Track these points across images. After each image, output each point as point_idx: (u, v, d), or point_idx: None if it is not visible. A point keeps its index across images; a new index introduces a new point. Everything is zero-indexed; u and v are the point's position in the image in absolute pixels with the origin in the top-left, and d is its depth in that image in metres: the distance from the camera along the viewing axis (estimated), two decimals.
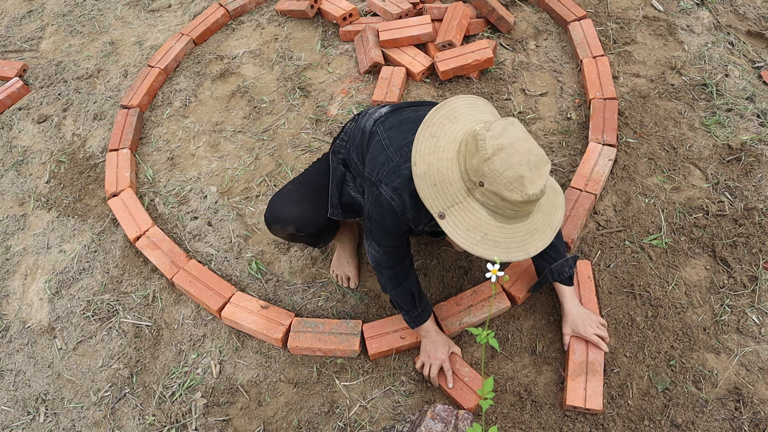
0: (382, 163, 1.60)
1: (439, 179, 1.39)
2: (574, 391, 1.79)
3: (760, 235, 2.10)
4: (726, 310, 1.96)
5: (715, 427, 1.74)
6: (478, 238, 1.37)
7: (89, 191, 2.68)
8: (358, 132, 1.82)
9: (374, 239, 1.72)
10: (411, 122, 1.65)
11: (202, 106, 2.92)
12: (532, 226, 1.44)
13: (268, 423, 1.93)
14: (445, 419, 1.64)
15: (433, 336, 1.88)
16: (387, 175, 1.57)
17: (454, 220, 1.38)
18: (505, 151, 1.31)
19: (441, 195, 1.39)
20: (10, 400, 2.11)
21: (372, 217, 1.66)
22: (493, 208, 1.37)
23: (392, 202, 1.56)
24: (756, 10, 2.87)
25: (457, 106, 1.53)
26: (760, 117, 2.45)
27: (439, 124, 1.47)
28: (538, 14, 3.00)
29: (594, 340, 1.85)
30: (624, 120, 2.48)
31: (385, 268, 1.77)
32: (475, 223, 1.38)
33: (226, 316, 2.12)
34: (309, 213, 1.88)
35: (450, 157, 1.40)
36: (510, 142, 1.32)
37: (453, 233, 1.38)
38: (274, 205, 1.90)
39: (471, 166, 1.35)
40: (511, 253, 1.40)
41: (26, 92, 3.18)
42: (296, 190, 1.92)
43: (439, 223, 1.39)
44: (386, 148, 1.62)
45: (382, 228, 1.66)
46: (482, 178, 1.33)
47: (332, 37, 3.10)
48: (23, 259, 2.50)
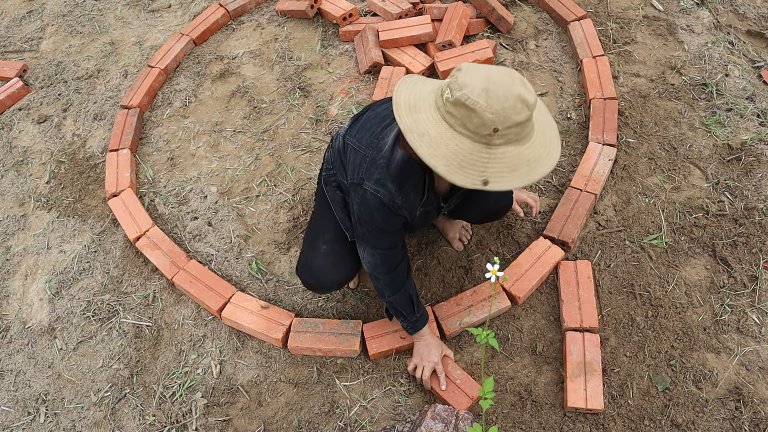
0: (358, 163, 1.62)
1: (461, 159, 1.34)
2: (574, 392, 1.79)
3: (760, 235, 2.10)
4: (726, 310, 1.96)
5: (715, 426, 1.74)
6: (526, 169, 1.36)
7: (89, 191, 2.68)
8: (336, 154, 1.83)
9: (367, 243, 1.71)
10: (373, 119, 1.69)
11: (202, 107, 2.92)
12: (540, 127, 1.41)
13: (269, 423, 1.93)
14: (445, 419, 1.64)
15: (427, 339, 1.88)
16: (366, 171, 1.59)
17: (497, 174, 1.35)
18: (491, 91, 1.28)
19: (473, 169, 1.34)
20: (10, 400, 2.11)
21: (362, 219, 1.65)
22: (514, 139, 1.35)
23: (377, 194, 1.57)
24: (756, 10, 2.87)
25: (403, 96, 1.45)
26: (760, 117, 2.45)
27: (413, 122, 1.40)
28: (537, 14, 3.00)
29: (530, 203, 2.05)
30: (624, 120, 2.48)
31: (381, 273, 1.75)
32: (515, 160, 1.35)
33: (227, 317, 2.12)
34: (348, 272, 1.92)
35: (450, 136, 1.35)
36: (483, 81, 1.30)
37: (507, 184, 1.35)
38: (314, 270, 1.89)
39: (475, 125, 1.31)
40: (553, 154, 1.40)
41: (26, 92, 3.18)
42: (332, 251, 1.89)
43: (488, 189, 1.34)
44: (358, 149, 1.64)
45: (374, 228, 1.65)
46: (494, 124, 1.29)
47: (332, 37, 3.10)
48: (23, 260, 2.50)
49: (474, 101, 1.29)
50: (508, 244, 2.21)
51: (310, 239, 1.96)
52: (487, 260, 2.17)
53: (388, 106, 1.70)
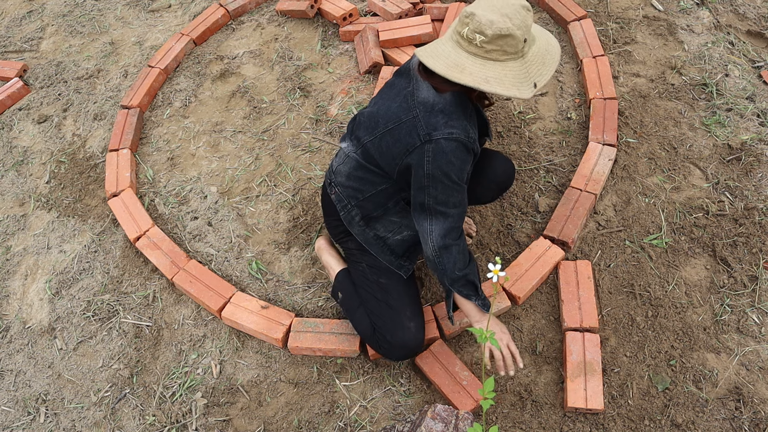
0: (407, 131, 1.59)
1: (513, 76, 1.51)
2: (574, 392, 1.79)
3: (760, 235, 2.10)
4: (726, 310, 1.96)
5: (715, 426, 1.74)
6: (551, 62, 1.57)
7: (89, 191, 2.68)
8: (347, 181, 1.81)
9: (439, 207, 1.61)
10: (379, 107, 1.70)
11: (202, 107, 2.92)
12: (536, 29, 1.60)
13: (269, 423, 1.93)
14: (445, 419, 1.64)
15: (493, 320, 1.74)
16: (426, 126, 1.56)
17: (537, 73, 1.54)
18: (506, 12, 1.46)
19: (524, 78, 1.52)
20: (10, 400, 2.11)
21: (434, 176, 1.57)
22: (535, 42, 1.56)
23: (453, 135, 1.55)
24: (756, 10, 2.87)
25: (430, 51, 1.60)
26: (760, 117, 2.45)
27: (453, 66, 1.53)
28: (537, 14, 3.00)
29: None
30: (624, 120, 2.48)
31: (454, 239, 1.65)
32: (541, 55, 1.56)
33: (227, 317, 2.12)
34: (423, 327, 1.86)
35: (491, 65, 1.50)
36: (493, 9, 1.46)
37: (547, 77, 1.54)
38: (410, 348, 1.81)
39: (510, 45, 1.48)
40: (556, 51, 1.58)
41: (26, 92, 3.19)
42: (417, 323, 1.83)
43: (535, 90, 1.51)
44: (394, 128, 1.63)
45: (450, 181, 1.58)
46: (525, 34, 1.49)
47: (332, 37, 3.10)
48: (23, 260, 2.50)
49: (507, 28, 1.45)
50: (508, 244, 2.21)
51: (389, 317, 1.82)
52: (487, 260, 2.17)
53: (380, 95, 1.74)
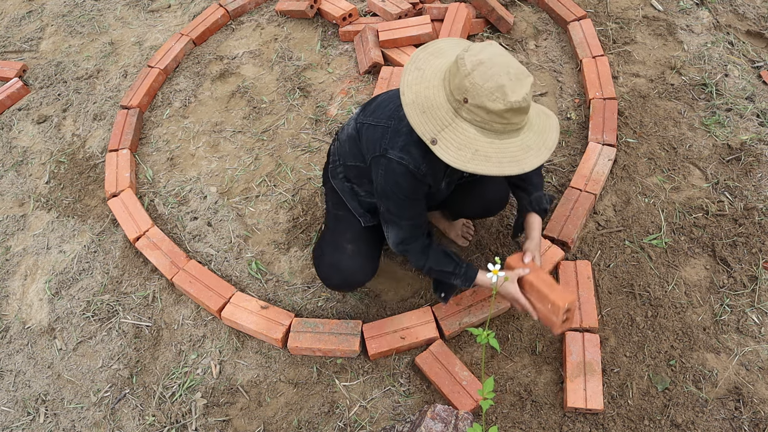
0: (380, 136, 1.63)
1: (428, 105, 1.44)
2: (574, 392, 1.79)
3: (759, 235, 2.10)
4: (726, 310, 1.96)
5: (715, 426, 1.74)
6: (469, 156, 1.41)
7: (89, 192, 2.68)
8: (345, 144, 1.82)
9: (393, 218, 1.68)
10: (387, 99, 1.70)
11: (202, 107, 2.92)
12: (524, 143, 1.46)
13: (268, 423, 1.93)
14: (445, 419, 1.64)
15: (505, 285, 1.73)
16: (390, 141, 1.59)
17: (446, 143, 1.42)
18: (483, 65, 1.36)
19: (431, 120, 1.43)
20: (10, 400, 2.11)
21: (387, 191, 1.63)
22: (480, 123, 1.41)
23: (403, 161, 1.57)
24: (755, 10, 2.87)
25: (443, 45, 1.59)
26: (760, 117, 2.45)
27: (425, 59, 1.53)
28: (537, 14, 3.00)
29: None
30: (624, 120, 2.49)
31: (411, 243, 1.71)
32: (465, 141, 1.41)
33: (226, 317, 2.12)
34: (371, 272, 1.92)
35: (436, 84, 1.46)
36: (488, 57, 1.38)
37: (445, 155, 1.41)
38: (342, 270, 1.87)
39: (454, 85, 1.40)
40: (504, 166, 1.42)
41: (26, 93, 3.18)
42: (359, 252, 1.88)
43: (432, 149, 1.42)
44: (377, 125, 1.66)
45: (401, 196, 1.62)
46: (465, 93, 1.38)
47: (332, 38, 3.10)
48: (23, 260, 2.50)
49: (464, 63, 1.38)
50: (507, 244, 2.21)
51: (331, 239, 1.93)
52: (486, 260, 2.17)
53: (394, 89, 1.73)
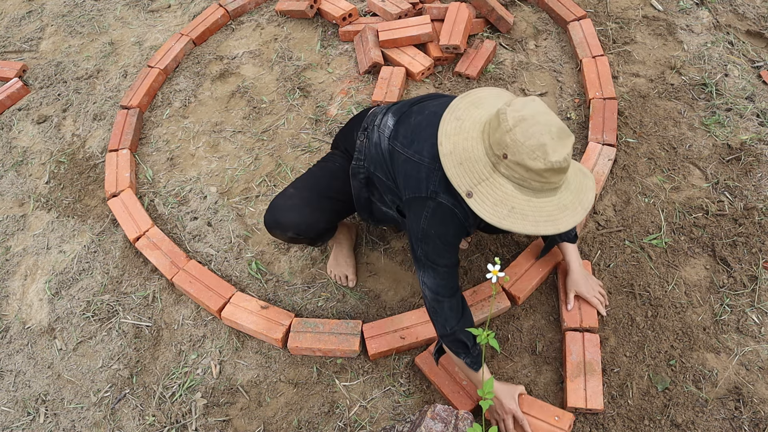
0: (426, 176, 1.56)
1: (465, 157, 1.41)
2: (574, 392, 1.78)
3: (759, 235, 2.10)
4: (726, 310, 1.96)
5: (715, 426, 1.74)
6: (505, 212, 1.38)
7: (89, 192, 2.68)
8: (373, 149, 1.76)
9: (429, 263, 1.60)
10: (426, 127, 1.62)
11: (202, 107, 2.92)
12: (561, 203, 1.43)
13: (268, 423, 1.93)
14: (445, 419, 1.64)
15: (496, 387, 1.74)
16: (440, 184, 1.53)
17: (482, 197, 1.39)
18: (526, 122, 1.33)
19: (467, 173, 1.40)
20: (10, 400, 2.11)
21: (430, 234, 1.56)
22: (518, 180, 1.37)
23: (455, 209, 1.54)
24: (755, 10, 2.87)
25: (483, 95, 1.56)
26: (760, 116, 2.45)
27: (464, 109, 1.50)
28: (537, 14, 3.00)
29: (594, 303, 1.90)
30: (623, 120, 2.49)
31: (446, 297, 1.62)
32: (502, 198, 1.38)
33: (226, 317, 2.12)
34: (310, 218, 1.85)
35: (475, 136, 1.43)
36: (531, 113, 1.34)
37: (481, 210, 1.38)
38: (275, 209, 1.87)
39: (494, 140, 1.37)
40: (540, 226, 1.39)
41: (26, 93, 3.18)
42: (298, 194, 1.88)
43: (467, 202, 1.40)
44: (421, 162, 1.58)
45: (443, 242, 1.58)
46: (505, 149, 1.35)
47: (332, 38, 3.10)
48: (23, 260, 2.50)
49: (506, 118, 1.34)
50: (507, 244, 2.21)
51: (285, 187, 1.94)
52: (486, 261, 2.17)
53: (438, 106, 1.64)
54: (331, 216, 1.92)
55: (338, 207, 1.93)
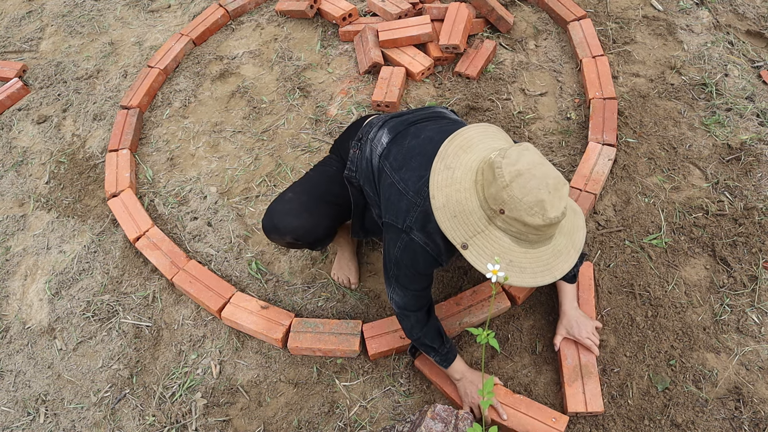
0: (406, 209, 1.57)
1: (459, 210, 1.38)
2: (573, 396, 1.78)
3: (759, 235, 2.10)
4: (726, 310, 1.96)
5: (715, 426, 1.74)
6: (503, 266, 1.36)
7: (89, 192, 2.68)
8: (364, 162, 1.78)
9: (399, 284, 1.66)
10: (418, 155, 1.61)
11: (202, 107, 2.92)
12: (555, 249, 1.42)
13: (268, 423, 1.93)
14: (445, 419, 1.64)
15: (469, 376, 1.81)
16: (416, 221, 1.54)
17: (478, 249, 1.36)
18: (522, 177, 1.30)
19: (462, 226, 1.37)
20: (10, 400, 2.11)
21: (401, 263, 1.60)
22: (515, 234, 1.35)
23: (427, 247, 1.54)
24: (755, 10, 2.87)
25: (470, 135, 1.51)
26: (760, 116, 2.45)
27: (453, 155, 1.45)
28: (537, 14, 3.00)
29: (587, 344, 1.86)
30: (623, 120, 2.48)
31: (412, 311, 1.71)
32: (499, 251, 1.36)
33: (226, 317, 2.12)
34: (308, 224, 1.84)
35: (467, 187, 1.39)
36: (527, 167, 1.31)
37: (477, 263, 1.36)
38: (273, 213, 1.87)
39: (490, 194, 1.34)
40: (538, 277, 1.38)
41: (26, 93, 3.18)
42: (297, 199, 1.88)
43: (462, 253, 1.37)
44: (404, 192, 1.58)
45: (413, 271, 1.61)
46: (502, 205, 1.32)
47: (332, 38, 3.10)
48: (23, 260, 2.50)
49: (501, 173, 1.31)
50: None
51: (283, 191, 1.94)
52: None
53: (434, 131, 1.64)
54: (330, 221, 1.91)
55: (336, 212, 1.92)
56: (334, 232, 1.99)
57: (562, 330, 1.90)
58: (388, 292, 1.74)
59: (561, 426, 1.72)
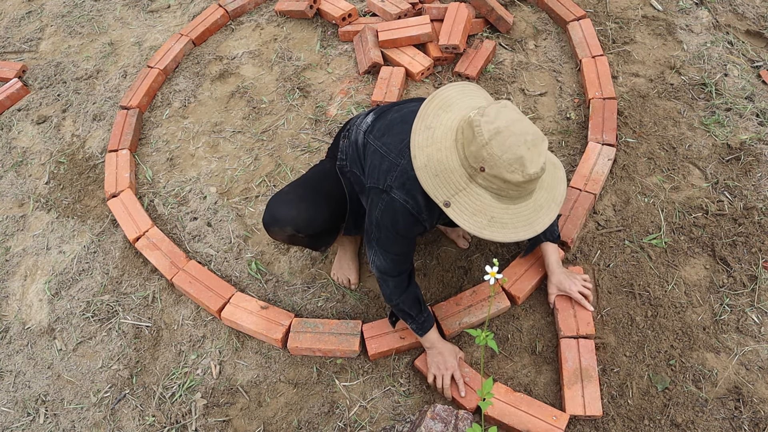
0: (387, 169, 1.60)
1: (441, 169, 1.40)
2: (572, 400, 1.78)
3: (759, 235, 2.10)
4: (726, 310, 1.96)
5: (715, 426, 1.74)
6: (485, 222, 1.39)
7: (89, 192, 2.68)
8: (352, 147, 1.82)
9: (381, 248, 1.68)
10: (400, 123, 1.65)
11: (202, 107, 2.92)
12: (536, 203, 1.45)
13: (268, 423, 1.93)
14: (445, 419, 1.64)
15: (439, 346, 1.85)
16: (396, 179, 1.57)
17: (460, 207, 1.39)
18: (501, 135, 1.32)
19: (444, 184, 1.40)
20: (10, 401, 2.11)
21: (382, 225, 1.63)
22: (496, 191, 1.38)
23: (407, 204, 1.56)
24: (755, 10, 2.87)
25: (449, 94, 1.53)
26: (759, 116, 2.45)
27: (433, 115, 1.48)
28: (537, 14, 3.00)
29: (577, 297, 1.92)
30: (623, 120, 2.49)
31: (391, 277, 1.73)
32: (481, 208, 1.39)
33: (226, 317, 2.12)
34: (306, 213, 1.84)
35: (448, 146, 1.42)
36: (506, 124, 1.33)
37: (460, 220, 1.39)
38: (271, 206, 1.88)
39: (470, 152, 1.36)
40: (519, 232, 1.41)
41: (25, 93, 3.18)
42: (293, 191, 1.89)
43: (445, 211, 1.40)
44: (386, 154, 1.62)
45: (394, 233, 1.63)
46: (482, 163, 1.34)
47: (331, 38, 3.10)
48: (23, 260, 2.50)
49: (480, 131, 1.33)
50: (507, 244, 2.21)
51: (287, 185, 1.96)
52: (486, 260, 2.17)
53: (417, 106, 1.67)
54: (328, 213, 1.91)
55: (333, 205, 1.93)
56: (335, 228, 1.99)
57: (553, 288, 1.96)
58: (369, 256, 1.76)
59: (561, 424, 1.72)
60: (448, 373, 1.83)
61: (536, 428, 1.72)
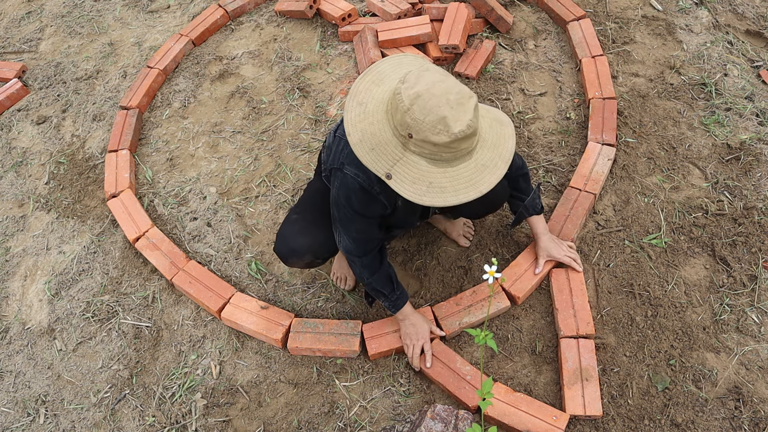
0: (341, 149, 1.63)
1: (375, 142, 1.41)
2: (572, 400, 1.78)
3: (759, 234, 2.10)
4: (725, 310, 1.96)
5: (715, 426, 1.74)
6: (424, 189, 1.39)
7: (89, 192, 2.68)
8: (326, 151, 1.83)
9: (343, 227, 1.71)
10: None
11: (202, 107, 2.92)
12: (478, 163, 1.43)
13: (268, 424, 1.93)
14: (445, 419, 1.64)
15: (412, 319, 1.90)
16: (348, 155, 1.59)
17: (400, 177, 1.40)
18: (421, 98, 1.32)
19: (381, 157, 1.41)
20: (10, 401, 2.11)
21: (339, 203, 1.66)
22: (429, 155, 1.38)
23: (357, 178, 1.58)
24: (755, 10, 2.87)
25: (382, 68, 1.53)
26: (759, 116, 2.45)
27: (365, 91, 1.48)
28: (537, 14, 3.00)
29: (567, 261, 2.00)
30: (623, 119, 2.49)
31: (356, 256, 1.75)
32: (418, 175, 1.39)
33: (226, 317, 2.12)
34: (321, 238, 1.86)
35: (380, 119, 1.42)
36: (425, 87, 1.33)
37: (402, 190, 1.39)
38: (284, 237, 1.88)
39: (397, 121, 1.37)
40: (461, 194, 1.40)
41: (25, 93, 3.18)
42: (303, 218, 1.90)
43: (388, 183, 1.41)
44: (342, 137, 1.65)
45: (351, 211, 1.65)
46: (409, 129, 1.35)
47: (331, 38, 3.10)
48: (23, 261, 2.50)
49: (401, 98, 1.34)
50: (507, 244, 2.21)
51: (289, 212, 1.98)
52: (486, 260, 2.17)
53: None
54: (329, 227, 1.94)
55: None
56: None
57: (542, 253, 2.02)
58: (335, 236, 1.79)
59: (562, 424, 1.72)
60: (419, 344, 1.88)
61: (536, 428, 1.72)
